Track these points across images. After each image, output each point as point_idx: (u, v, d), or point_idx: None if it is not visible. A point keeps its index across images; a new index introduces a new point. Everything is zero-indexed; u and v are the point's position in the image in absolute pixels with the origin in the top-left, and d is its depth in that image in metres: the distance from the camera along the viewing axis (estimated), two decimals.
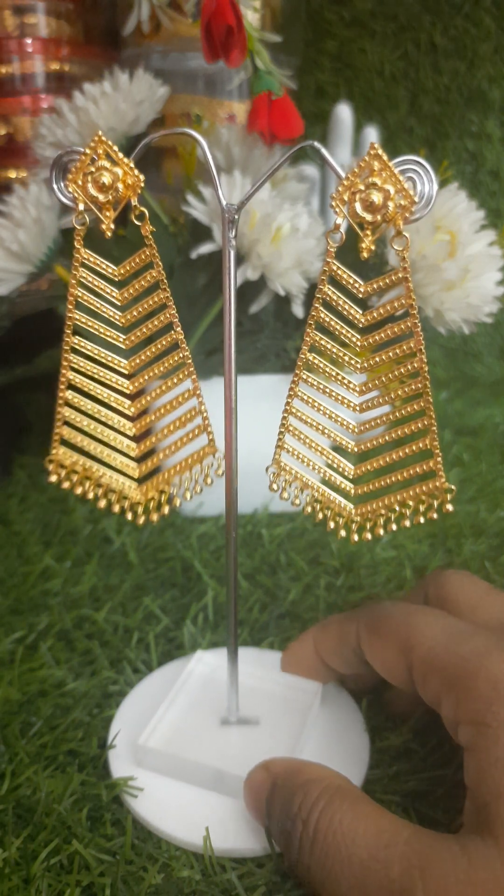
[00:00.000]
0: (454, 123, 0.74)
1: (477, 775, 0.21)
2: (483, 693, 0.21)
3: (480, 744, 0.21)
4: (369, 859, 0.20)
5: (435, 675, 0.23)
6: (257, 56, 0.38)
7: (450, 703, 0.23)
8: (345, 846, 0.21)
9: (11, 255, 0.41)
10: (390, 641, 0.25)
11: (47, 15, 0.54)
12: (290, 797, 0.23)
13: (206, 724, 0.29)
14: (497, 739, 0.21)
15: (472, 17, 0.70)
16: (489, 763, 0.20)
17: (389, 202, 0.21)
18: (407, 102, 0.74)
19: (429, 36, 0.71)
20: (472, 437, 0.60)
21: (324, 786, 0.23)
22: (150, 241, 0.23)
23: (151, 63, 0.52)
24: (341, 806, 0.22)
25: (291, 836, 0.22)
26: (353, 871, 0.21)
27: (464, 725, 0.22)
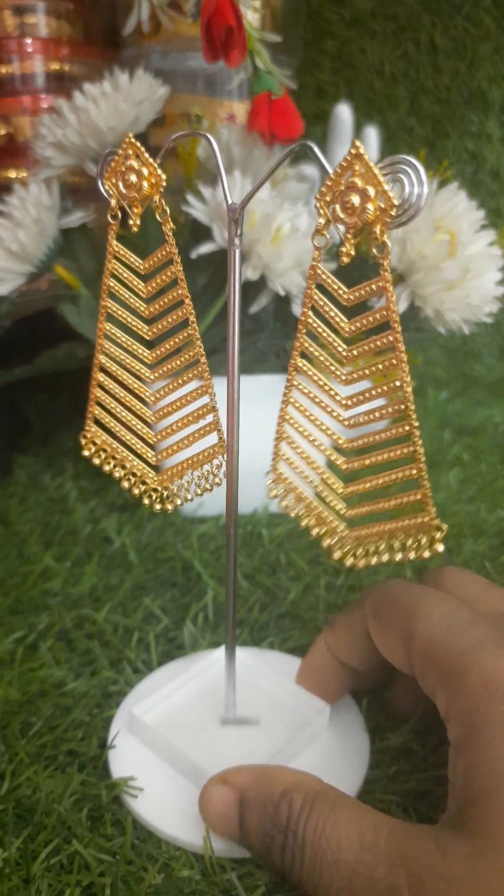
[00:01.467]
0: (454, 123, 0.74)
1: (462, 775, 0.21)
2: (474, 692, 0.22)
3: (467, 744, 0.21)
4: (355, 863, 0.21)
5: (432, 669, 0.23)
6: (257, 56, 0.38)
7: (443, 699, 0.23)
8: (331, 852, 0.21)
9: (11, 255, 0.41)
10: (393, 628, 0.25)
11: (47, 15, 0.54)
12: (275, 809, 0.23)
13: (205, 717, 0.29)
14: (482, 741, 0.21)
15: (472, 17, 0.70)
16: (473, 765, 0.21)
17: (369, 204, 0.19)
18: (407, 102, 0.74)
19: (429, 36, 0.71)
20: (472, 437, 0.60)
21: (304, 792, 0.23)
22: (170, 239, 0.23)
23: (151, 63, 0.52)
24: (323, 812, 0.22)
25: (284, 848, 0.22)
26: (342, 875, 0.21)
27: (452, 724, 0.22)
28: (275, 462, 0.25)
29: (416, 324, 0.43)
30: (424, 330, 0.45)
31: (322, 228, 0.21)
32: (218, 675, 0.32)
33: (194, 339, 0.24)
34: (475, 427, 0.62)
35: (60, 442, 0.58)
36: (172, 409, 0.25)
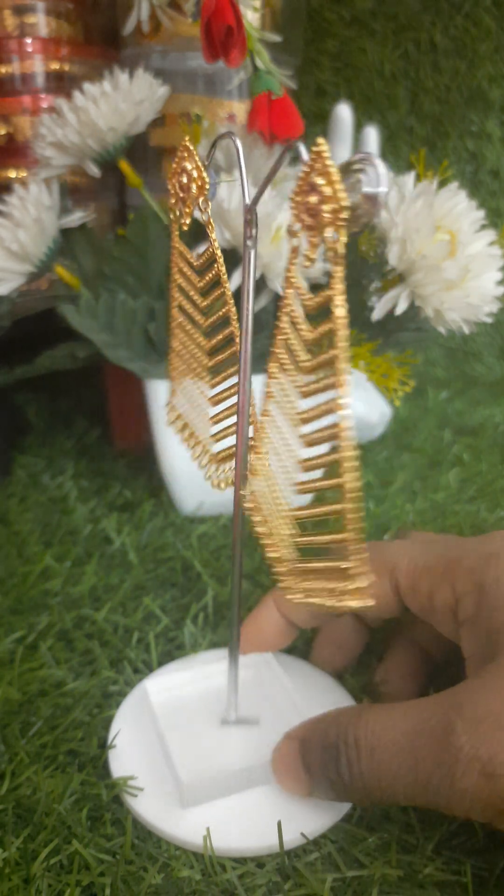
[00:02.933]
0: (454, 123, 0.74)
1: (483, 626, 0.24)
2: (475, 566, 0.25)
3: (481, 603, 0.24)
4: (409, 731, 0.22)
5: (424, 578, 0.26)
6: (257, 56, 0.38)
7: (445, 591, 0.26)
8: (386, 733, 0.23)
9: (11, 255, 0.41)
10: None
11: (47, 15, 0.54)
12: (325, 737, 0.24)
13: (213, 735, 0.29)
14: (495, 592, 0.24)
15: (472, 17, 0.70)
16: (492, 612, 0.23)
17: (324, 205, 0.18)
18: (407, 102, 0.74)
19: (429, 35, 0.71)
20: (472, 437, 0.60)
21: (347, 711, 0.25)
22: (213, 238, 0.23)
23: (151, 63, 0.52)
24: (370, 713, 0.24)
25: (338, 761, 0.24)
26: (401, 746, 0.22)
27: (463, 598, 0.25)
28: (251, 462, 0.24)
29: (416, 324, 0.43)
30: (424, 330, 0.45)
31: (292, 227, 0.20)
32: (178, 699, 0.31)
33: (234, 336, 0.24)
34: (475, 427, 0.62)
35: (60, 442, 0.58)
36: (221, 398, 0.26)
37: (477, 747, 0.21)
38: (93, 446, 0.58)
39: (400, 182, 0.40)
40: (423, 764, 0.22)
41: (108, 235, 0.53)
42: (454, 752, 0.21)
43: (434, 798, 0.22)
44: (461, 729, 0.21)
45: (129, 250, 0.42)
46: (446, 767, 0.21)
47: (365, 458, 0.56)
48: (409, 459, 0.56)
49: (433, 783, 0.22)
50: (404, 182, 0.40)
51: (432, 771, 0.22)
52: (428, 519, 0.47)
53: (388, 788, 0.23)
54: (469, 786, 0.21)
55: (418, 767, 0.22)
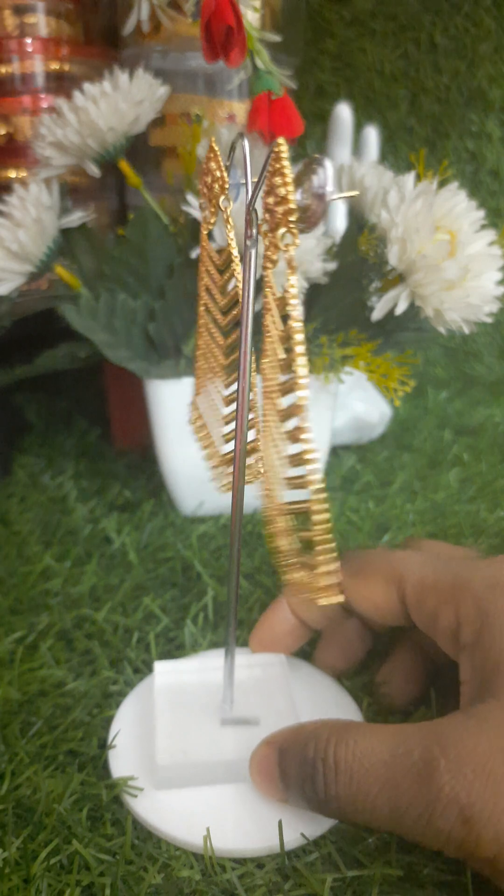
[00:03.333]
0: (454, 123, 0.74)
1: (481, 658, 0.23)
2: (480, 592, 0.25)
3: (483, 632, 0.24)
4: (390, 758, 0.22)
5: (430, 594, 0.26)
6: (257, 56, 0.38)
7: (449, 612, 0.25)
8: (366, 759, 0.23)
9: (11, 255, 0.41)
10: (377, 579, 0.28)
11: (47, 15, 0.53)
12: (304, 748, 0.24)
13: (203, 725, 0.29)
14: (498, 625, 0.24)
15: (472, 17, 0.70)
16: (492, 643, 0.23)
17: (278, 207, 0.18)
18: (407, 102, 0.74)
19: (429, 35, 0.71)
20: (472, 437, 0.60)
21: (330, 726, 0.24)
22: (230, 238, 0.23)
23: (151, 63, 0.52)
24: (351, 734, 0.24)
25: (315, 779, 0.23)
26: (379, 774, 0.22)
27: (465, 624, 0.24)
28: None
29: (416, 324, 0.43)
30: (424, 330, 0.45)
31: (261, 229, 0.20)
32: (182, 686, 0.31)
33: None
34: (475, 427, 0.62)
35: (60, 442, 0.58)
36: (233, 397, 0.26)
37: (457, 790, 0.21)
38: (93, 446, 0.58)
39: (400, 182, 0.40)
40: (401, 796, 0.22)
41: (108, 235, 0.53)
42: (435, 792, 0.21)
43: (409, 831, 0.22)
44: (444, 768, 0.21)
45: (129, 250, 0.42)
46: (425, 805, 0.21)
47: (365, 457, 0.56)
48: (409, 459, 0.56)
49: (410, 817, 0.21)
50: (404, 182, 0.40)
51: (410, 805, 0.21)
52: (428, 519, 0.47)
53: (363, 814, 0.23)
54: (445, 827, 0.21)
55: (396, 799, 0.22)
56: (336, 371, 0.41)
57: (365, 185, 0.43)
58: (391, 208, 0.39)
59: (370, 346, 0.42)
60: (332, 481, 0.52)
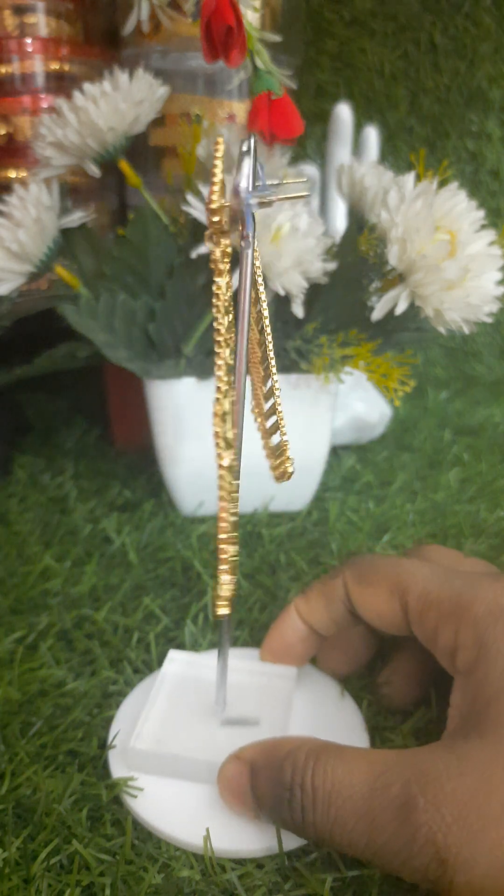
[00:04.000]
0: (454, 123, 0.74)
1: (473, 690, 0.23)
2: (480, 618, 0.24)
3: (479, 662, 0.23)
4: (369, 790, 0.22)
5: (432, 610, 0.25)
6: (257, 56, 0.38)
7: (448, 632, 0.25)
8: (344, 788, 0.22)
9: (11, 255, 0.41)
10: (381, 587, 0.27)
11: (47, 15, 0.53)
12: (279, 770, 0.24)
13: (194, 720, 0.29)
14: (493, 654, 0.23)
15: (472, 17, 0.70)
16: (485, 677, 0.23)
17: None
18: (407, 102, 0.74)
19: (429, 35, 0.71)
20: (472, 437, 0.60)
21: (307, 748, 0.24)
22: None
23: (151, 63, 0.52)
24: (329, 759, 0.23)
25: (291, 803, 0.23)
26: (357, 806, 0.22)
27: (462, 650, 0.24)
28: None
29: (416, 324, 0.43)
30: (424, 330, 0.45)
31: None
32: (188, 678, 0.31)
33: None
34: (475, 427, 0.62)
35: (60, 442, 0.58)
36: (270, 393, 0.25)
37: (435, 832, 0.20)
38: (93, 446, 0.58)
39: (400, 182, 0.40)
40: (379, 831, 0.21)
41: (108, 235, 0.53)
42: (412, 830, 0.21)
43: (386, 864, 0.22)
44: (422, 807, 0.21)
45: (129, 250, 0.42)
46: (402, 842, 0.21)
47: (365, 457, 0.56)
48: (409, 459, 0.56)
49: (387, 852, 0.21)
50: (404, 182, 0.40)
51: (387, 840, 0.21)
52: (428, 519, 0.47)
53: (339, 843, 0.22)
54: (421, 866, 0.21)
55: (373, 833, 0.21)
56: (336, 371, 0.41)
57: (365, 185, 0.43)
58: (391, 208, 0.39)
59: (370, 346, 0.42)
60: (332, 481, 0.52)
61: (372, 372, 0.42)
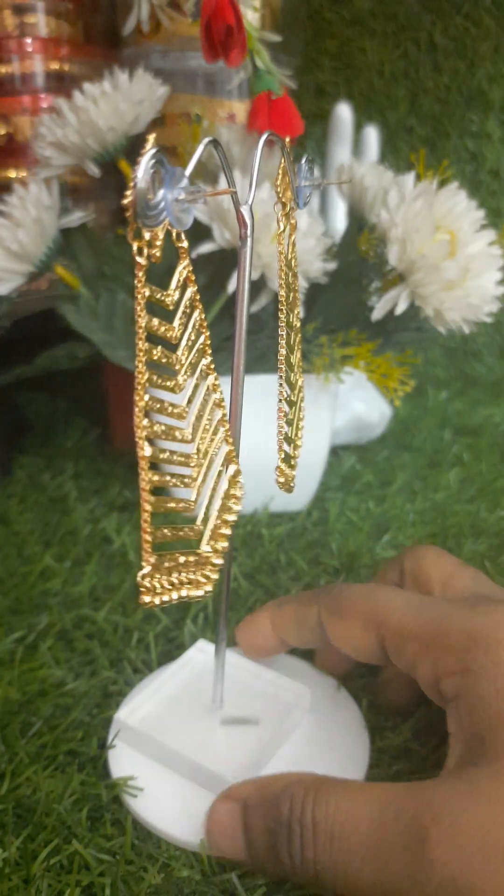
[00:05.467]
0: (454, 123, 0.74)
1: (467, 715, 0.22)
2: (460, 645, 0.23)
3: (467, 687, 0.22)
4: (375, 824, 0.20)
5: (410, 642, 0.25)
6: (257, 56, 0.38)
7: (428, 664, 0.24)
8: (348, 823, 0.21)
9: (11, 255, 0.41)
10: (356, 621, 0.27)
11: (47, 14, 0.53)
12: (275, 807, 0.23)
13: (192, 712, 0.29)
14: (480, 680, 0.22)
15: (472, 17, 0.70)
16: (477, 701, 0.22)
17: None
18: (407, 102, 0.74)
19: (429, 35, 0.71)
20: (472, 437, 0.60)
21: (305, 783, 0.23)
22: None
23: (151, 63, 0.52)
24: (330, 793, 0.22)
25: (290, 841, 0.22)
26: (363, 841, 0.20)
27: (446, 678, 0.23)
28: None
29: (416, 324, 0.43)
30: (424, 330, 0.45)
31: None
32: (204, 671, 0.31)
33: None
34: (475, 427, 0.62)
35: (60, 442, 0.58)
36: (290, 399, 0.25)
37: (452, 868, 0.19)
38: (93, 446, 0.58)
39: (400, 182, 0.40)
40: (388, 866, 0.20)
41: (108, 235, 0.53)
42: (427, 867, 0.19)
43: None
44: (436, 840, 0.19)
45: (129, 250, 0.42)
46: (415, 879, 0.19)
47: (365, 457, 0.56)
48: (409, 459, 0.56)
49: (399, 890, 0.20)
50: (404, 182, 0.40)
51: (399, 876, 0.19)
52: (428, 519, 0.47)
53: (343, 883, 0.21)
54: None
55: (382, 868, 0.20)
56: (336, 371, 0.41)
57: (365, 185, 0.43)
58: (391, 208, 0.39)
59: (370, 346, 0.42)
60: (332, 481, 0.52)
61: (372, 372, 0.42)
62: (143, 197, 0.17)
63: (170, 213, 0.18)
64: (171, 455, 0.21)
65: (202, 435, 0.22)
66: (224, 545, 0.22)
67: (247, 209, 0.22)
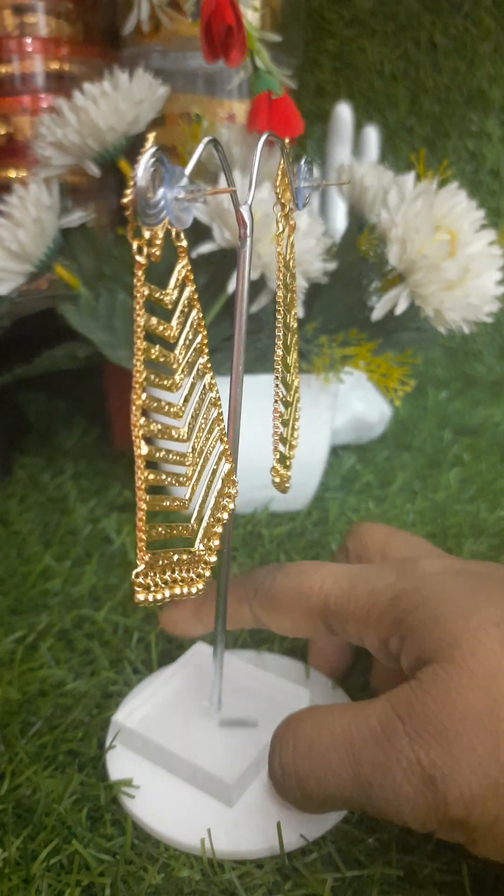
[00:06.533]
0: (454, 123, 0.74)
1: (415, 648, 0.23)
2: (391, 610, 0.24)
3: (406, 635, 0.23)
4: (349, 726, 0.23)
5: (350, 622, 0.26)
6: (257, 56, 0.38)
7: (371, 635, 0.25)
8: (325, 730, 0.23)
9: (11, 255, 0.41)
10: (295, 614, 0.27)
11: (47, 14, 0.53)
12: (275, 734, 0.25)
13: (191, 715, 0.29)
14: (411, 619, 0.23)
15: (472, 17, 0.70)
16: (415, 632, 0.23)
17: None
18: (407, 102, 0.74)
19: (429, 35, 0.71)
20: (472, 437, 0.60)
21: (293, 714, 0.25)
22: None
23: (151, 62, 0.52)
24: (309, 712, 0.24)
25: (280, 754, 0.24)
26: (338, 741, 0.22)
27: (390, 640, 0.24)
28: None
29: (416, 324, 0.43)
30: (424, 330, 0.45)
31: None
32: (194, 671, 0.31)
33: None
34: (475, 427, 0.62)
35: (60, 442, 0.58)
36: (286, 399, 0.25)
37: (417, 750, 0.21)
38: (93, 446, 0.58)
39: (400, 182, 0.40)
40: (363, 762, 0.22)
41: (108, 235, 0.53)
42: (395, 754, 0.21)
43: (375, 801, 0.21)
44: (402, 730, 0.21)
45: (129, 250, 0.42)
46: (386, 770, 0.21)
47: (365, 457, 0.56)
48: (409, 459, 0.56)
49: (374, 784, 0.21)
50: (404, 182, 0.40)
51: (373, 771, 0.21)
52: (428, 519, 0.47)
53: (326, 786, 0.22)
54: (410, 791, 0.21)
55: (358, 765, 0.22)
56: (336, 371, 0.41)
57: (365, 185, 0.43)
58: (391, 208, 0.39)
59: (370, 346, 0.42)
60: (332, 481, 0.52)
61: (372, 372, 0.42)
62: (143, 195, 0.17)
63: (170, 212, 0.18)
64: (168, 454, 0.21)
65: (197, 434, 0.22)
66: (217, 543, 0.22)
67: (246, 209, 0.22)
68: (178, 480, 0.22)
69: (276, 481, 0.25)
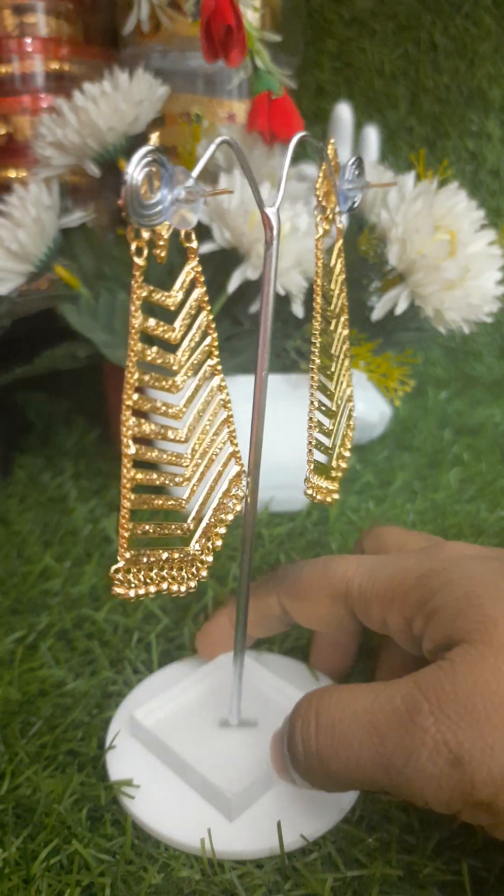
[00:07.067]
0: (454, 123, 0.74)
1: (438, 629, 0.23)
2: (415, 590, 0.24)
3: (431, 614, 0.23)
4: (372, 705, 0.22)
5: (374, 605, 0.26)
6: (257, 56, 0.38)
7: (395, 616, 0.25)
8: (347, 710, 0.22)
9: (11, 255, 0.41)
10: (321, 598, 0.28)
11: (47, 14, 0.54)
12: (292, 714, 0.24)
13: (206, 721, 0.29)
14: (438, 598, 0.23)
15: (472, 17, 0.70)
16: (442, 612, 0.23)
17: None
18: (407, 101, 0.74)
19: (429, 35, 0.71)
20: (472, 436, 0.60)
21: (319, 689, 0.24)
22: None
23: (151, 62, 0.52)
24: (332, 690, 0.24)
25: (303, 734, 0.23)
26: (361, 722, 0.22)
27: (414, 621, 0.24)
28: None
29: (416, 324, 0.43)
30: (424, 330, 0.45)
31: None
32: (219, 680, 0.31)
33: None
34: (475, 427, 0.62)
35: (60, 442, 0.58)
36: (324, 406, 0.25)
37: (444, 731, 0.20)
38: (93, 446, 0.58)
39: (400, 182, 0.40)
40: (385, 742, 0.21)
41: (108, 235, 0.53)
42: (420, 735, 0.21)
43: (397, 782, 0.21)
44: (427, 710, 0.21)
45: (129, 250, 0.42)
46: (411, 750, 0.21)
47: (365, 457, 0.56)
48: (409, 459, 0.56)
49: (396, 765, 0.21)
50: (404, 182, 0.40)
51: (395, 751, 0.21)
52: (428, 519, 0.47)
53: (347, 767, 0.22)
54: (435, 772, 0.20)
55: (381, 745, 0.21)
56: None
57: None
58: (391, 208, 0.39)
59: (370, 346, 0.42)
60: None
61: (372, 372, 0.42)
62: (135, 193, 0.17)
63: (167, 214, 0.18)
64: (161, 454, 0.21)
65: (200, 436, 0.22)
66: (218, 543, 0.22)
67: (273, 211, 0.21)
68: (173, 481, 0.22)
69: (309, 493, 0.24)
